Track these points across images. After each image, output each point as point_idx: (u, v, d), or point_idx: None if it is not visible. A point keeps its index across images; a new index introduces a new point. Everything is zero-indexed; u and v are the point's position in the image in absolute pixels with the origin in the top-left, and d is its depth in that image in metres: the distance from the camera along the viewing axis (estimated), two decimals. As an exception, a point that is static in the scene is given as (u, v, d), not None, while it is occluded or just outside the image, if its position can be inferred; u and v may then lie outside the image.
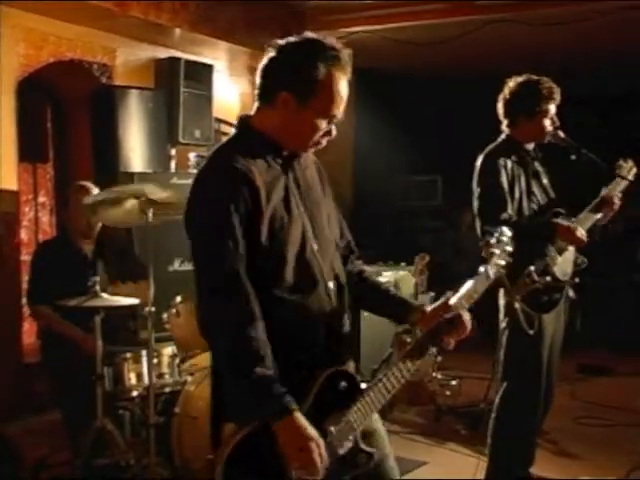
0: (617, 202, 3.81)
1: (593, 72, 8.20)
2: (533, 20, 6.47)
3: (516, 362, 3.67)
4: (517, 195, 3.65)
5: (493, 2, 6.40)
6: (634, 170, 3.88)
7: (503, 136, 3.80)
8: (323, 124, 2.06)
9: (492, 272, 2.29)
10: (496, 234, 2.33)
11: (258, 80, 2.11)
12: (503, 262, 2.32)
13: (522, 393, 3.67)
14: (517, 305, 3.38)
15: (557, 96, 3.69)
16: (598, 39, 7.16)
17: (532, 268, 3.51)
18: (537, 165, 3.82)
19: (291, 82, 2.03)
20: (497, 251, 2.31)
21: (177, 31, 6.09)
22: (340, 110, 2.08)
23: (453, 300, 2.20)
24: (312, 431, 1.91)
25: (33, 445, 4.34)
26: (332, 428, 1.98)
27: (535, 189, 3.75)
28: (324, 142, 2.13)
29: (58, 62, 5.77)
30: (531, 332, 3.49)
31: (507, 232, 2.35)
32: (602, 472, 4.22)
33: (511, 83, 3.75)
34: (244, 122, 2.16)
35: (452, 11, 6.60)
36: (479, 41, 7.02)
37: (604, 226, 3.87)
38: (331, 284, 2.12)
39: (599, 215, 3.77)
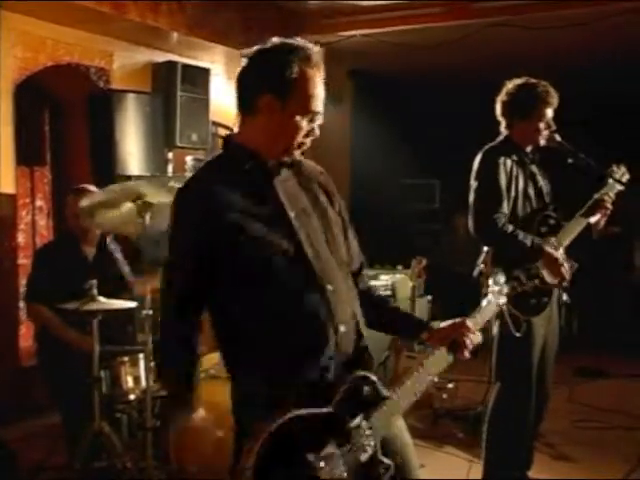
0: (609, 206, 3.81)
1: (591, 75, 8.21)
2: (531, 23, 6.47)
3: (507, 365, 3.69)
4: (513, 195, 3.65)
5: (491, 5, 6.42)
6: (627, 175, 3.90)
7: (502, 136, 3.81)
8: (304, 122, 2.08)
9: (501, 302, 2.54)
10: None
11: (236, 91, 2.14)
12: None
13: (513, 396, 3.68)
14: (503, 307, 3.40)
15: (554, 100, 3.70)
16: (596, 42, 7.17)
17: (520, 271, 3.52)
18: (534, 167, 3.83)
19: (270, 83, 2.06)
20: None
21: (174, 34, 6.10)
22: (319, 107, 2.10)
23: (468, 321, 2.29)
24: None
25: (30, 448, 4.34)
26: (354, 433, 1.96)
27: (531, 191, 3.75)
28: (308, 142, 2.14)
29: (55, 66, 5.77)
30: (518, 335, 3.50)
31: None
32: (599, 475, 4.22)
33: (509, 85, 3.77)
34: (226, 139, 2.21)
35: (450, 14, 6.61)
36: (477, 44, 7.02)
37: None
38: (330, 287, 2.08)
39: (591, 219, 3.78)
